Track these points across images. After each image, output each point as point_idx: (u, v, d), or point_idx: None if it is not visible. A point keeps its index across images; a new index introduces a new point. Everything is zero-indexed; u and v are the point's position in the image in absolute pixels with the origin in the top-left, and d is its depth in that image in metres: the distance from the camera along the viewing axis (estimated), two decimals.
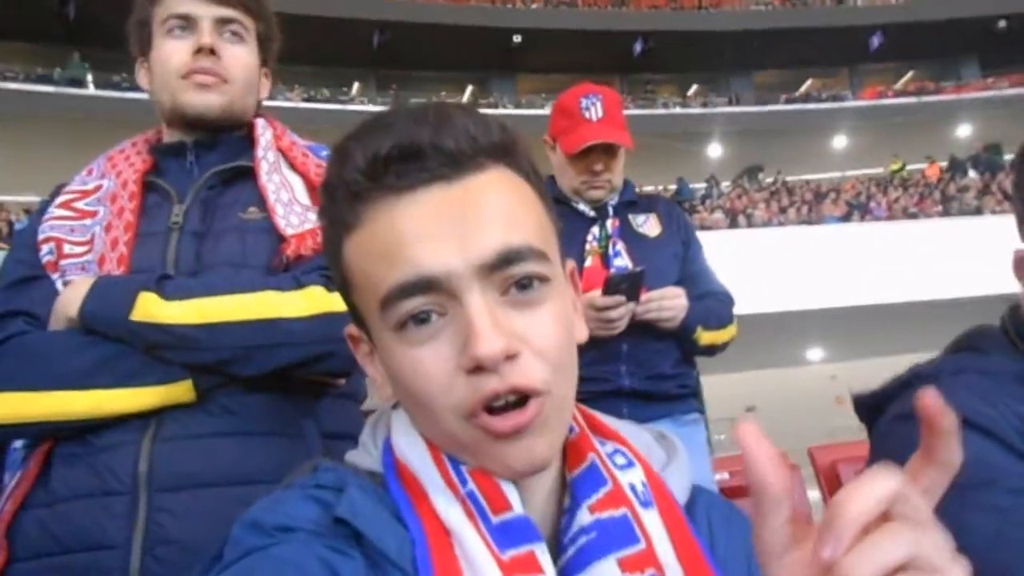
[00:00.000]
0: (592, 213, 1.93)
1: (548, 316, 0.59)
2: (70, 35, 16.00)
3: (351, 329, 0.68)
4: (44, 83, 15.81)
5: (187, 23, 1.17)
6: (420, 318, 0.57)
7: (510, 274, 0.58)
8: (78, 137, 11.16)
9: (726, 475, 2.17)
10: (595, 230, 1.92)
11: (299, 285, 1.04)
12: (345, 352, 1.03)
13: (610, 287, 1.69)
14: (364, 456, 0.68)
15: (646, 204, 2.03)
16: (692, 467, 0.70)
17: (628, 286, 1.70)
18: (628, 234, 1.93)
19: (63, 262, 1.09)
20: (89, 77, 16.24)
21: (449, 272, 0.56)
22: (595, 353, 1.70)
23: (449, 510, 0.58)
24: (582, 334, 0.67)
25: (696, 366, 1.96)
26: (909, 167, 18.38)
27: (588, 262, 1.88)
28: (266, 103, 1.33)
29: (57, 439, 1.02)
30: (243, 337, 1.00)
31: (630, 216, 1.96)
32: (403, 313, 0.57)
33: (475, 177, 0.60)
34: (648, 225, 1.96)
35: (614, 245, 1.89)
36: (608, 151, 1.90)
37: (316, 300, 1.03)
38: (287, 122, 1.31)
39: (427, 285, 0.57)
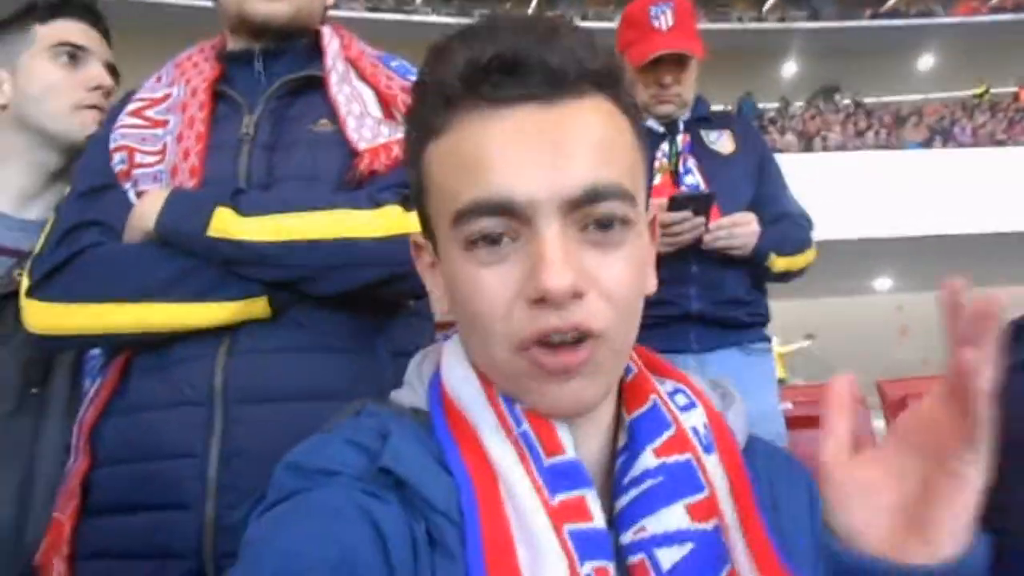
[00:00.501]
0: (662, 129, 1.86)
1: (623, 260, 0.57)
2: None
3: (416, 237, 0.68)
4: None
5: None
6: (491, 238, 0.56)
7: (593, 211, 0.56)
8: (154, 45, 11.26)
9: (789, 405, 2.13)
10: (665, 146, 1.85)
11: (375, 204, 1.02)
12: (419, 274, 1.03)
13: (674, 207, 1.64)
14: (409, 393, 0.67)
15: (720, 121, 1.96)
16: (759, 397, 0.69)
17: (696, 207, 1.65)
18: (700, 151, 1.86)
19: (136, 171, 1.08)
20: None
21: (531, 199, 0.54)
22: (663, 274, 1.64)
23: (500, 450, 0.57)
24: (652, 285, 0.65)
25: (767, 293, 1.91)
26: (1000, 90, 17.25)
27: (657, 180, 1.83)
28: (330, 12, 1.30)
29: (134, 349, 1.03)
30: (320, 256, 0.99)
31: (702, 132, 1.89)
32: (475, 230, 0.56)
33: (574, 102, 0.57)
34: (721, 142, 1.89)
35: (684, 162, 1.83)
36: (679, 63, 1.82)
37: (393, 220, 1.01)
38: (352, 31, 1.28)
39: (505, 208, 0.55)
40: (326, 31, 1.21)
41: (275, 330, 1.02)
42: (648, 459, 0.59)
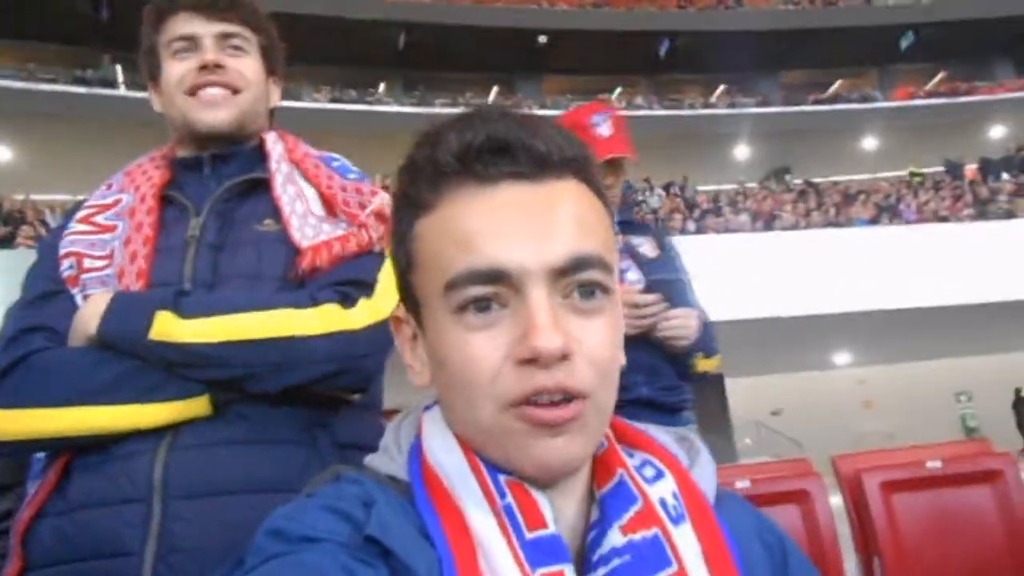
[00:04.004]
0: None
1: (603, 326, 0.61)
2: (103, 38, 16.26)
3: (398, 312, 0.70)
4: (77, 84, 16.09)
5: (190, 43, 1.21)
6: (481, 305, 0.59)
7: (577, 279, 0.60)
8: (109, 138, 11.34)
9: (747, 482, 2.15)
10: None
11: (314, 302, 1.05)
12: (359, 369, 1.06)
13: (651, 289, 1.82)
14: (387, 461, 0.67)
15: (641, 227, 2.16)
16: None
17: (663, 294, 1.84)
18: (631, 253, 2.03)
19: (83, 276, 1.10)
20: (120, 79, 16.49)
21: (522, 267, 0.58)
22: None
23: (484, 523, 0.58)
24: (622, 359, 0.67)
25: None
26: (934, 169, 18.10)
27: None
28: (294, 104, 1.36)
29: (76, 450, 1.03)
30: (259, 355, 1.01)
31: (629, 236, 2.07)
32: (467, 297, 0.59)
33: (556, 183, 0.62)
34: (645, 248, 2.07)
35: (623, 260, 1.99)
36: (613, 167, 1.99)
37: (331, 318, 1.04)
38: (314, 122, 1.34)
39: (497, 276, 0.58)
40: (270, 136, 1.27)
41: (217, 423, 1.03)
42: (615, 537, 0.60)
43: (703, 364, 1.99)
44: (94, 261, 1.12)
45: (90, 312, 1.04)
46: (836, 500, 1.96)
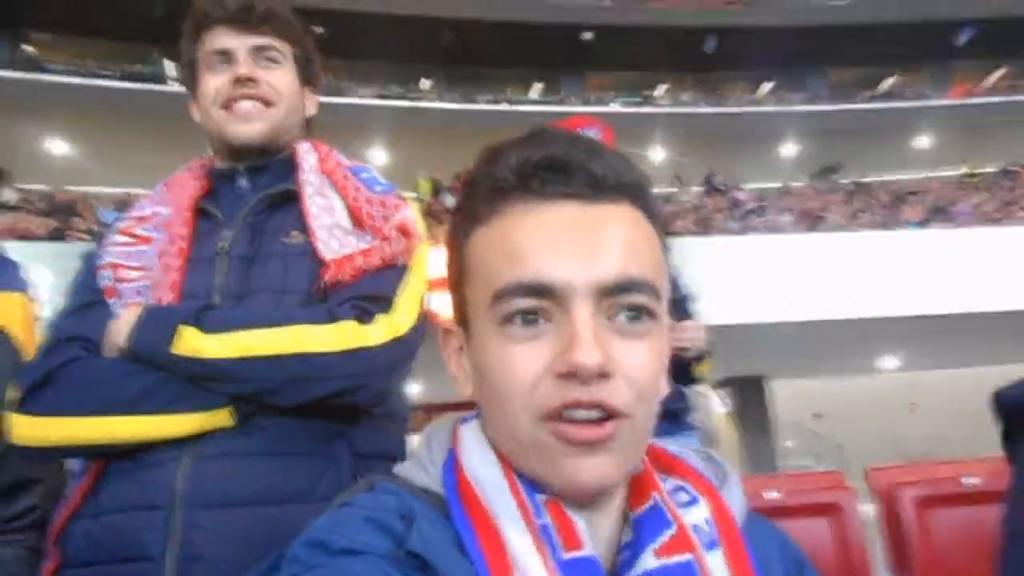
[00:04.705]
0: None
1: (646, 350, 0.62)
2: (154, 33, 16.64)
3: (447, 323, 0.71)
4: (129, 80, 16.48)
5: (226, 57, 1.24)
6: (527, 317, 0.60)
7: (623, 300, 0.61)
8: (160, 132, 11.59)
9: (776, 494, 2.08)
10: None
11: (332, 318, 1.07)
12: (375, 385, 1.08)
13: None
14: (420, 473, 0.68)
15: None
16: None
17: (675, 308, 1.84)
18: None
19: (120, 287, 1.15)
20: (170, 74, 16.84)
21: (568, 283, 0.59)
22: None
23: (520, 542, 0.58)
24: (665, 388, 0.67)
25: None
26: (989, 170, 17.54)
27: None
28: (339, 100, 1.37)
29: (109, 456, 1.07)
30: (276, 371, 1.04)
31: None
32: (513, 309, 0.61)
33: (610, 206, 0.64)
34: None
35: None
36: None
37: (347, 335, 1.06)
38: (359, 119, 1.35)
39: (544, 290, 0.60)
40: (303, 146, 1.29)
41: (237, 436, 1.06)
42: (649, 560, 0.60)
43: (700, 368, 2.08)
44: (130, 272, 1.16)
45: (120, 325, 1.08)
46: (871, 511, 1.91)
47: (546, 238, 0.61)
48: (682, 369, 2.06)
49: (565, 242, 0.61)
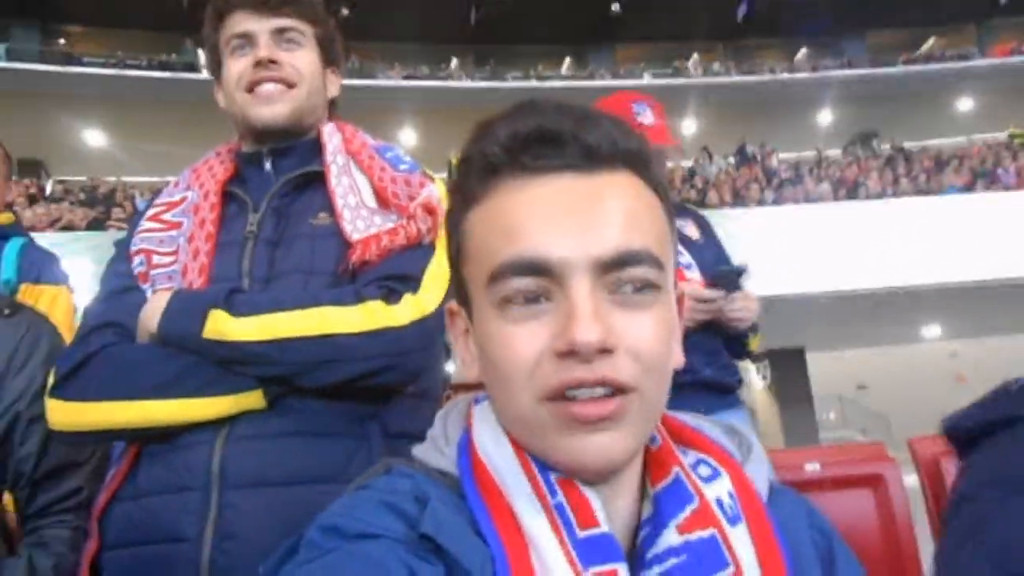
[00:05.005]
0: None
1: (650, 322, 0.59)
2: (185, 22, 16.82)
3: (452, 305, 0.70)
4: (161, 69, 16.70)
5: (247, 40, 1.24)
6: (525, 297, 0.58)
7: (623, 275, 0.58)
8: (193, 121, 11.74)
9: (817, 466, 2.06)
10: None
11: (358, 299, 1.07)
12: (404, 365, 1.08)
13: (717, 280, 1.85)
14: (435, 454, 0.67)
15: (682, 211, 2.19)
16: None
17: (728, 281, 1.86)
18: (679, 236, 2.04)
19: (152, 272, 1.16)
20: (202, 62, 17.03)
21: (565, 259, 0.57)
22: None
23: (535, 521, 0.58)
24: (679, 359, 0.66)
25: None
26: None
27: None
28: (368, 82, 1.36)
29: (145, 440, 1.09)
30: (304, 353, 1.04)
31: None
32: (509, 290, 0.58)
33: (606, 176, 0.61)
34: (689, 229, 2.10)
35: None
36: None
37: (373, 315, 1.06)
38: (389, 101, 1.34)
39: (540, 268, 0.58)
40: (327, 128, 1.29)
41: (270, 417, 1.07)
42: (671, 536, 0.59)
43: (753, 342, 2.05)
44: (162, 257, 1.17)
45: (152, 310, 1.09)
46: (909, 480, 1.87)
47: (540, 214, 0.59)
48: (736, 342, 2.04)
49: (560, 217, 0.58)
